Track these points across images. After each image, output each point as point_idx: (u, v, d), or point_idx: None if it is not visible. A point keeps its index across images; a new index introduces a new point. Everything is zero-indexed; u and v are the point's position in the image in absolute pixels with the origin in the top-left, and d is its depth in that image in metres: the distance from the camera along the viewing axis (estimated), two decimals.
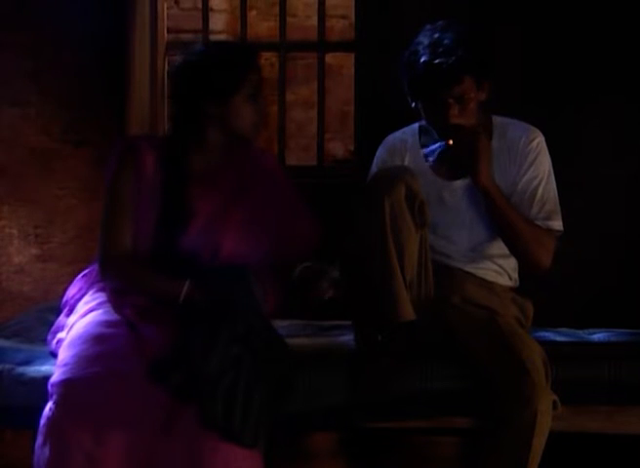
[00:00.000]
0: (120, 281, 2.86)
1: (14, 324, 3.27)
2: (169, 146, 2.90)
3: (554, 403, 2.78)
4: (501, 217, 2.91)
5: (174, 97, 2.93)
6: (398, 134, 3.12)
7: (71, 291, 2.97)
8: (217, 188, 2.90)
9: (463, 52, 2.84)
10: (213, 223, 2.85)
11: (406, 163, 3.03)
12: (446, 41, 2.85)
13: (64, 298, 2.98)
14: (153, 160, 2.86)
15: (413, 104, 2.96)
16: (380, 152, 3.11)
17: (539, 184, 2.95)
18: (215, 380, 2.60)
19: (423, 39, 2.89)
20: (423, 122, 3.01)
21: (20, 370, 2.88)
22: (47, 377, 2.70)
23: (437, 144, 2.91)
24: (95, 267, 2.93)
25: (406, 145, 3.07)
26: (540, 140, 2.98)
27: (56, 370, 2.67)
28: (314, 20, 4.22)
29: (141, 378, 2.59)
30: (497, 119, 3.03)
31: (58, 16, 3.92)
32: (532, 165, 2.96)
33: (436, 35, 2.87)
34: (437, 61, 2.83)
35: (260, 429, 2.62)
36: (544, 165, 2.97)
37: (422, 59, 2.86)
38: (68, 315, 2.91)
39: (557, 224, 2.96)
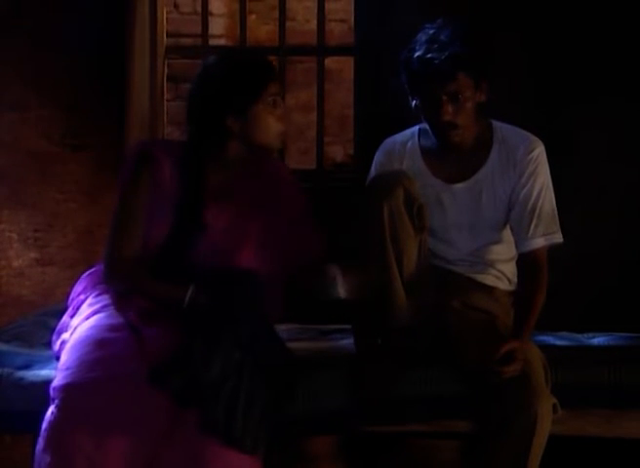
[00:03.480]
0: (124, 286, 2.85)
1: (13, 328, 3.26)
2: (186, 162, 2.85)
3: (554, 406, 2.78)
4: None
5: (191, 115, 2.85)
6: (397, 136, 3.11)
7: (77, 289, 2.96)
8: (232, 203, 2.87)
9: (458, 48, 2.83)
10: (227, 239, 2.84)
11: (404, 166, 3.03)
12: (441, 37, 2.85)
13: (70, 297, 2.97)
14: (170, 169, 2.83)
15: (413, 103, 2.95)
16: (379, 155, 3.11)
17: (538, 197, 2.94)
18: (216, 386, 2.60)
19: (421, 36, 2.89)
20: (423, 124, 3.01)
21: (20, 374, 2.87)
22: (46, 382, 2.70)
23: None
24: (100, 267, 2.92)
25: (405, 148, 3.06)
26: (539, 151, 2.97)
27: (57, 374, 2.66)
28: (314, 24, 4.22)
29: (144, 383, 2.58)
30: (497, 124, 3.02)
31: (57, 20, 3.92)
32: (531, 176, 2.95)
33: (433, 32, 2.87)
34: (429, 56, 2.83)
35: (261, 434, 2.62)
36: (543, 176, 2.96)
37: (416, 55, 2.86)
38: (73, 315, 2.90)
39: (557, 237, 2.95)
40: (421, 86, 2.88)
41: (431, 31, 2.88)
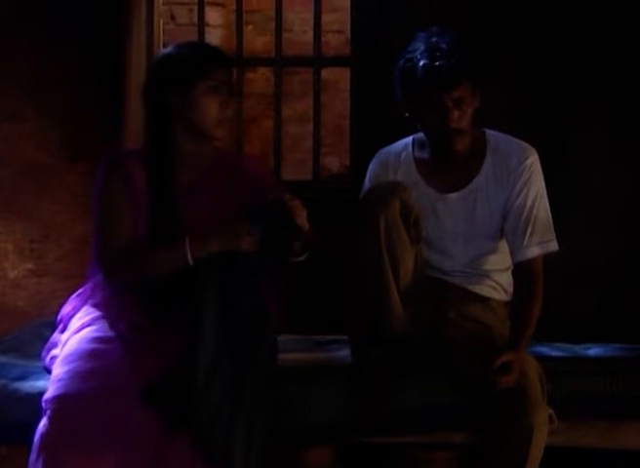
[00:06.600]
0: (124, 275, 2.82)
1: (9, 339, 3.26)
2: (149, 158, 2.87)
3: (550, 417, 2.78)
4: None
5: (143, 97, 2.90)
6: (391, 147, 3.11)
7: (66, 308, 2.96)
8: (203, 197, 2.88)
9: (462, 55, 2.84)
10: (203, 232, 2.84)
11: (399, 176, 3.02)
12: (443, 45, 2.85)
13: (59, 315, 2.98)
14: (141, 174, 2.85)
15: (407, 114, 2.95)
16: (373, 166, 3.10)
17: (533, 205, 2.94)
18: (215, 411, 2.60)
19: (420, 45, 2.89)
20: (417, 134, 3.01)
21: (16, 385, 2.88)
22: (42, 393, 2.70)
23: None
24: (89, 286, 2.92)
25: (399, 159, 3.06)
26: (533, 160, 2.97)
27: (49, 386, 2.67)
28: (310, 36, 4.22)
29: (135, 395, 2.59)
30: (490, 133, 3.02)
31: (53, 31, 3.93)
32: (525, 185, 2.95)
33: (433, 39, 2.87)
34: (438, 64, 2.83)
35: (259, 459, 2.61)
36: (538, 184, 2.96)
37: (422, 63, 2.85)
38: (62, 332, 2.90)
39: (552, 245, 2.95)
40: (426, 94, 2.87)
41: (432, 39, 2.87)
